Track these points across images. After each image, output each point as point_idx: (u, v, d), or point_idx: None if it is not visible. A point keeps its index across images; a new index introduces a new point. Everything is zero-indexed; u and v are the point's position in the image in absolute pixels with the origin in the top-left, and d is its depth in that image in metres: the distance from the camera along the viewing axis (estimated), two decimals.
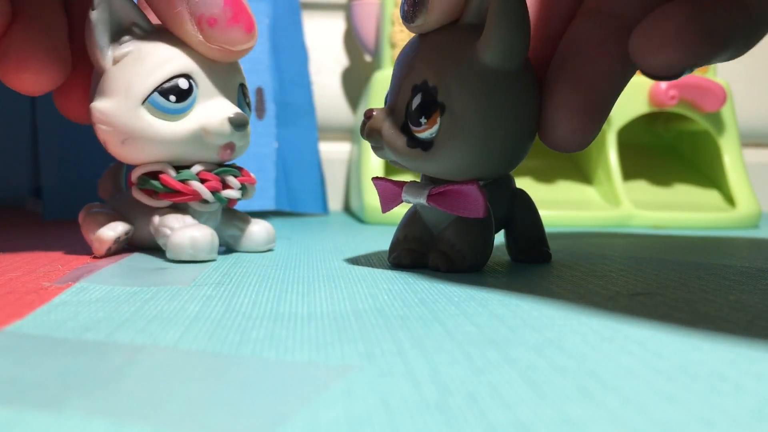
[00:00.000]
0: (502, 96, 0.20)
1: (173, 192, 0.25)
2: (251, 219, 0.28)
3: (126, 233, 0.26)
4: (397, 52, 0.46)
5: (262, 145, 0.45)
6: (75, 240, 0.31)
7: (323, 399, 0.10)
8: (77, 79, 0.25)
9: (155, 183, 0.25)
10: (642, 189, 0.51)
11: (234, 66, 0.26)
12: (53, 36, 0.24)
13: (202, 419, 0.10)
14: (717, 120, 0.49)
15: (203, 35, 0.23)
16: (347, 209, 0.58)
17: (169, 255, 0.24)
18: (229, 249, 0.28)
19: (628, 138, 0.51)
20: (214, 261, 0.25)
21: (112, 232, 0.25)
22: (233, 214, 0.27)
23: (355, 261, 0.25)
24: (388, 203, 0.24)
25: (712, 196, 0.50)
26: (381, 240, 0.33)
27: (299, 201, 0.48)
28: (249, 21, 0.24)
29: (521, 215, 0.25)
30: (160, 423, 0.09)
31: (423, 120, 0.21)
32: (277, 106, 0.46)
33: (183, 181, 0.25)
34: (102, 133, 0.24)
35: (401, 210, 0.25)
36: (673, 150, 0.55)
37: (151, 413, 0.10)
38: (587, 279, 0.22)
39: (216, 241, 0.25)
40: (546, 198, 0.48)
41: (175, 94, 0.24)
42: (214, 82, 0.24)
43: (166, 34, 0.24)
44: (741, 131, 0.53)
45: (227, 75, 0.25)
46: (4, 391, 0.11)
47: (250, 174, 0.27)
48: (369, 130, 0.22)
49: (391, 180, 0.24)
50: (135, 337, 0.14)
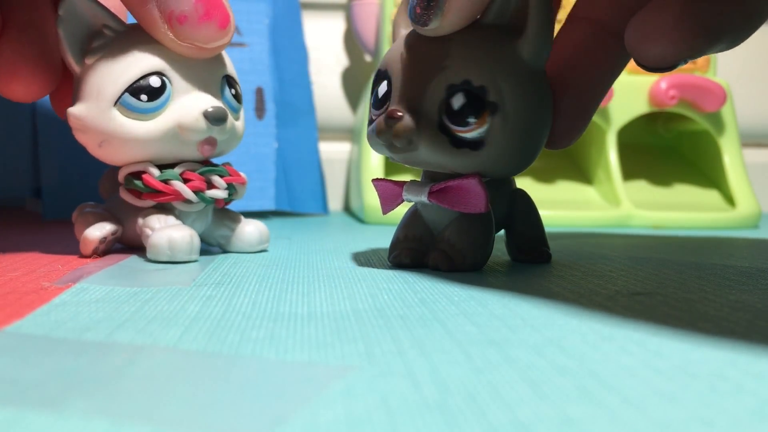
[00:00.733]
0: (542, 93, 0.21)
1: (156, 192, 0.25)
2: (243, 219, 0.28)
3: (113, 233, 0.25)
4: None
5: (262, 145, 0.45)
6: (75, 240, 0.31)
7: (323, 399, 0.10)
8: (71, 83, 0.25)
9: (138, 183, 0.24)
10: (642, 189, 0.51)
11: (216, 58, 0.25)
12: (44, 43, 0.24)
13: (202, 419, 0.10)
14: (717, 120, 0.49)
15: (173, 33, 0.23)
16: (347, 209, 0.58)
17: (149, 255, 0.24)
18: (222, 250, 0.28)
19: (628, 138, 0.51)
20: (195, 261, 0.24)
21: (98, 232, 0.25)
22: (225, 214, 0.27)
23: (355, 261, 0.25)
24: (388, 204, 0.24)
25: (712, 196, 0.50)
26: (381, 240, 0.33)
27: (299, 201, 0.48)
28: (223, 16, 0.23)
29: (521, 215, 0.25)
30: (160, 423, 0.09)
31: (472, 120, 0.20)
32: (277, 106, 0.46)
33: (165, 181, 0.24)
34: (80, 138, 0.24)
35: (401, 210, 0.25)
36: (673, 150, 0.55)
37: (151, 413, 0.10)
38: (587, 279, 0.22)
39: (196, 242, 0.24)
40: (546, 198, 0.48)
41: (147, 93, 0.23)
42: (191, 76, 0.24)
43: (137, 32, 0.24)
44: (741, 131, 0.53)
45: (207, 68, 0.25)
46: (4, 391, 0.11)
47: (239, 174, 0.27)
48: (400, 130, 0.21)
49: (392, 180, 0.23)
50: (135, 337, 0.14)
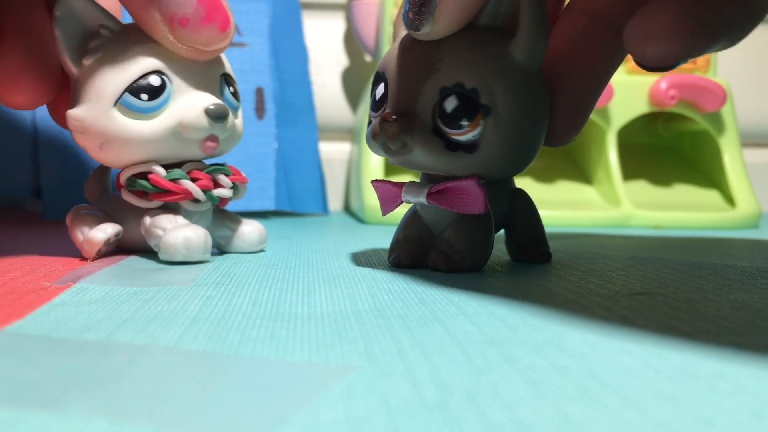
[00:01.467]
0: (536, 95, 0.21)
1: (164, 192, 0.24)
2: (242, 219, 0.27)
3: (116, 235, 0.25)
4: None
5: (262, 145, 0.45)
6: None
7: (323, 399, 0.10)
8: (69, 91, 0.25)
9: (145, 183, 0.24)
10: (642, 189, 0.51)
11: (214, 57, 0.25)
12: (42, 50, 0.24)
13: (202, 419, 0.10)
14: (717, 120, 0.49)
15: (175, 35, 0.23)
16: (347, 209, 0.58)
17: (162, 256, 0.24)
18: (221, 250, 0.28)
19: (628, 138, 0.51)
20: (208, 262, 0.24)
21: (102, 233, 0.25)
22: (224, 214, 0.27)
23: (355, 261, 0.25)
24: (387, 205, 0.24)
25: (712, 196, 0.50)
26: (381, 240, 0.33)
27: (299, 201, 0.48)
28: (224, 19, 0.23)
29: (521, 215, 0.25)
30: (160, 423, 0.09)
31: (465, 123, 0.20)
32: (277, 106, 0.46)
33: (173, 181, 0.24)
34: (79, 139, 0.24)
35: (401, 210, 0.25)
36: (673, 150, 0.55)
37: (151, 413, 0.10)
38: (587, 279, 0.22)
39: (209, 242, 0.24)
40: (546, 198, 0.48)
41: (147, 92, 0.23)
42: (190, 75, 0.24)
43: (135, 32, 0.24)
44: (741, 131, 0.53)
45: (206, 67, 0.24)
46: (4, 391, 0.11)
47: (241, 173, 0.27)
48: (394, 133, 0.21)
49: (391, 181, 0.23)
50: (135, 337, 0.14)
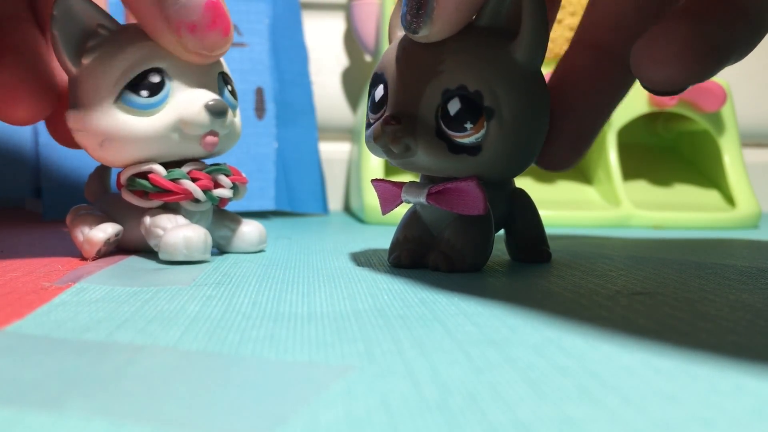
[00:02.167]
0: (538, 93, 0.21)
1: (164, 191, 0.24)
2: (242, 219, 0.27)
3: (116, 234, 0.25)
4: None
5: (262, 145, 0.45)
6: None
7: (323, 399, 0.10)
8: (65, 106, 0.25)
9: (145, 183, 0.24)
10: (642, 189, 0.51)
11: None
12: (38, 65, 0.24)
13: (202, 419, 0.10)
14: (717, 120, 0.49)
15: (182, 42, 0.23)
16: (347, 209, 0.58)
17: (163, 256, 0.24)
18: (221, 250, 0.27)
19: (628, 138, 0.51)
20: (208, 262, 0.24)
21: (102, 233, 0.25)
22: (224, 214, 0.27)
23: (355, 261, 0.25)
24: (387, 205, 0.24)
25: (712, 196, 0.50)
26: (381, 240, 0.33)
27: (299, 201, 0.48)
28: (227, 24, 0.23)
29: (521, 215, 0.25)
30: (160, 423, 0.09)
31: (468, 125, 0.20)
32: (277, 106, 0.46)
33: (174, 180, 0.24)
34: (80, 138, 0.24)
35: (402, 210, 0.25)
36: (673, 150, 0.55)
37: (151, 413, 0.10)
38: (587, 279, 0.22)
39: (209, 241, 0.24)
40: (546, 198, 0.48)
41: (147, 88, 0.23)
42: (188, 73, 0.24)
43: (133, 31, 0.24)
44: (741, 131, 0.53)
45: (204, 65, 0.24)
46: (4, 391, 0.11)
47: (241, 173, 0.27)
48: (396, 137, 0.20)
49: (391, 181, 0.23)
50: (135, 337, 0.14)
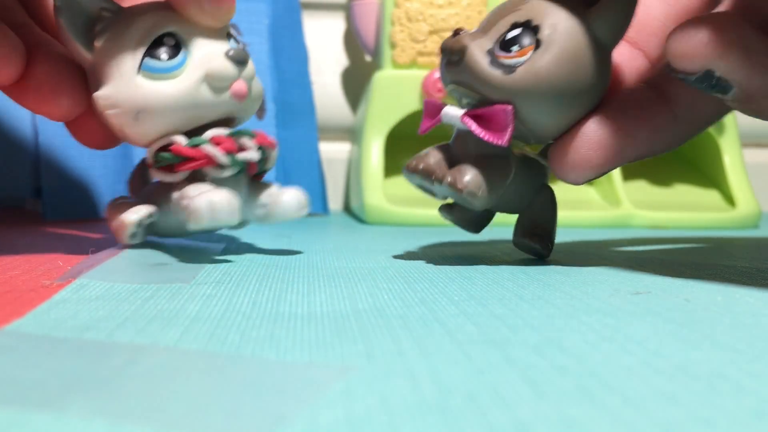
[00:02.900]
0: (592, 66, 0.22)
1: (187, 160, 0.24)
2: (278, 188, 0.27)
3: (149, 215, 0.25)
4: (398, 52, 0.46)
5: None
6: (75, 239, 0.31)
7: (323, 399, 0.10)
8: (90, 106, 0.25)
9: (167, 155, 0.24)
10: (642, 189, 0.51)
11: None
12: (69, 58, 0.24)
13: (202, 419, 0.10)
14: None
15: (200, 4, 0.23)
16: (347, 209, 0.58)
17: (190, 226, 0.23)
18: (260, 222, 0.27)
19: None
20: (238, 226, 0.24)
21: (134, 215, 0.25)
22: (259, 186, 0.27)
23: (355, 261, 0.25)
24: (428, 122, 0.24)
25: (712, 196, 0.50)
26: (381, 240, 0.33)
27: None
28: None
29: (541, 204, 0.26)
30: (160, 423, 0.09)
31: (515, 48, 0.21)
32: (277, 106, 0.46)
33: (194, 147, 0.24)
34: (114, 119, 0.24)
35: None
36: (673, 150, 0.55)
37: (151, 413, 0.10)
38: (587, 279, 0.22)
39: (236, 203, 0.24)
40: None
41: (165, 51, 0.23)
42: (200, 33, 0.24)
43: (137, 7, 0.24)
44: (741, 131, 0.53)
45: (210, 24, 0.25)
46: (4, 391, 0.11)
47: (267, 136, 0.26)
48: (453, 43, 0.22)
49: (440, 102, 0.24)
50: (135, 337, 0.14)
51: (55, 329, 0.14)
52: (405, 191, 0.48)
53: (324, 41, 0.61)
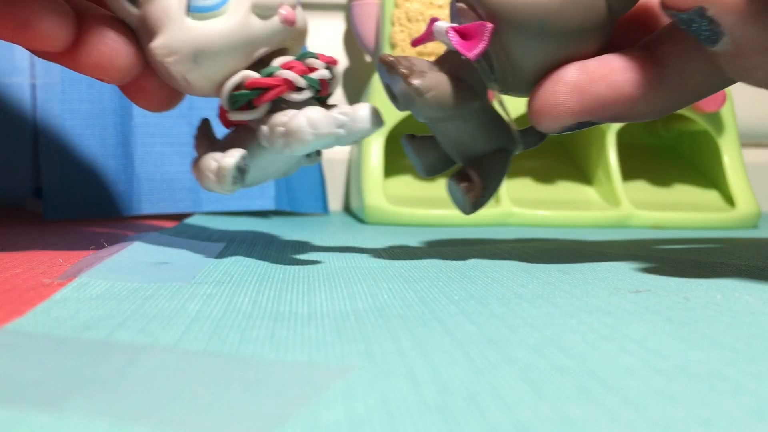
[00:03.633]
0: (590, 10, 0.21)
1: (265, 90, 0.24)
2: (350, 106, 0.26)
3: (244, 158, 0.24)
4: (398, 52, 0.46)
5: None
6: (75, 239, 0.31)
7: (323, 399, 0.10)
8: (146, 66, 0.25)
9: (245, 92, 0.24)
10: (642, 189, 0.51)
11: None
12: (119, 19, 0.24)
13: (202, 419, 0.10)
14: (717, 120, 0.49)
15: None
16: (347, 209, 0.58)
17: (295, 149, 0.23)
18: (339, 144, 0.25)
19: (628, 138, 0.51)
20: (340, 136, 0.23)
21: (231, 158, 0.24)
22: (330, 107, 0.25)
23: (355, 261, 0.25)
24: (421, 36, 0.24)
25: (711, 196, 0.50)
26: (381, 240, 0.33)
27: (299, 201, 0.48)
28: None
29: (488, 163, 0.25)
30: (160, 423, 0.09)
31: None
32: None
33: (269, 75, 0.24)
34: (173, 67, 0.24)
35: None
36: (673, 150, 0.55)
37: (151, 413, 0.10)
38: (587, 278, 0.22)
39: (332, 116, 0.23)
40: (546, 198, 0.48)
41: None
42: None
43: None
44: (741, 131, 0.53)
45: None
46: (4, 391, 0.11)
47: (327, 55, 0.26)
48: None
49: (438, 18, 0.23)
50: (135, 337, 0.14)
51: (56, 328, 0.14)
52: (405, 191, 0.48)
53: (324, 41, 0.61)
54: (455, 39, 0.21)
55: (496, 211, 0.43)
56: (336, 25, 0.61)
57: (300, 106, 0.24)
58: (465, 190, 0.24)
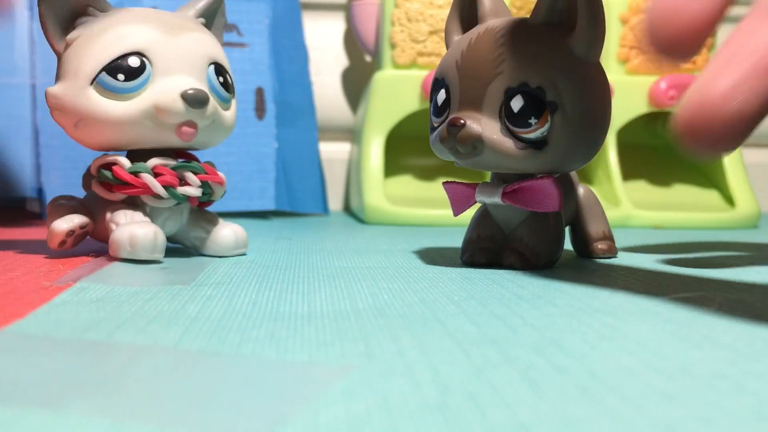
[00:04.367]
0: (599, 84, 0.22)
1: (125, 184, 0.24)
2: (221, 221, 0.26)
3: (82, 227, 0.24)
4: (398, 52, 0.46)
5: (262, 145, 0.45)
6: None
7: (323, 399, 0.10)
8: None
9: (108, 174, 0.24)
10: (642, 189, 0.51)
11: (204, 43, 0.25)
12: None
13: (202, 419, 0.10)
14: None
15: None
16: (347, 209, 0.58)
17: (110, 252, 0.23)
18: (197, 252, 0.27)
19: (628, 138, 0.51)
20: (159, 262, 0.24)
21: (65, 224, 0.24)
22: (201, 215, 0.26)
23: (356, 261, 0.25)
24: (459, 206, 0.24)
25: (711, 196, 0.50)
26: (381, 240, 0.33)
27: (299, 201, 0.48)
28: None
29: (589, 211, 0.26)
30: (160, 423, 0.09)
31: (533, 121, 0.21)
32: (277, 106, 0.46)
33: (135, 174, 0.24)
34: (56, 117, 0.24)
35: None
36: (673, 150, 0.55)
37: (151, 413, 0.10)
38: (587, 279, 0.22)
39: (161, 240, 0.23)
40: None
41: (124, 72, 0.23)
42: (174, 58, 0.24)
43: (122, 13, 0.24)
44: None
45: (192, 51, 0.24)
46: (4, 391, 0.11)
47: (217, 173, 0.26)
48: (464, 137, 0.21)
49: (462, 183, 0.24)
50: (135, 337, 0.14)
51: (56, 330, 0.14)
52: (405, 191, 0.48)
53: (324, 41, 0.61)
54: (522, 206, 0.22)
55: None
56: (336, 25, 0.61)
57: (159, 211, 0.25)
58: (512, 257, 0.24)
